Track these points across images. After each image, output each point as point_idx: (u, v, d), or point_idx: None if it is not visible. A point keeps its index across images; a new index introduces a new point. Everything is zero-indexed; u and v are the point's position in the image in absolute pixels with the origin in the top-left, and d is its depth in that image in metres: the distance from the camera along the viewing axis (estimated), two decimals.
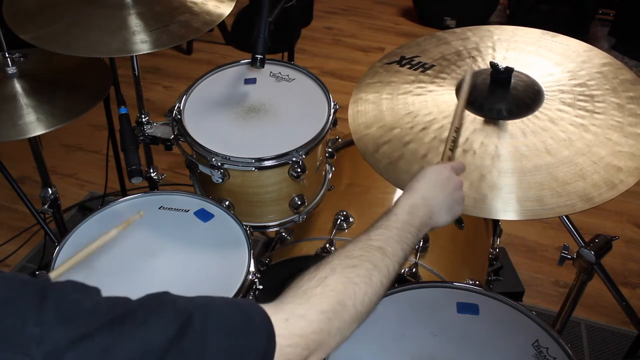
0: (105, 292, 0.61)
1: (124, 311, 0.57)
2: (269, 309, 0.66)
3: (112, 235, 1.15)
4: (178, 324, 0.58)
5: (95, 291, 0.60)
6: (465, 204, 0.97)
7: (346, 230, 1.54)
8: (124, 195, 1.75)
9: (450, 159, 1.02)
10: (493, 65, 1.12)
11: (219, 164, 1.35)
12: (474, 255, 1.69)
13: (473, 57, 1.24)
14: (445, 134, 1.08)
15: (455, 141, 1.04)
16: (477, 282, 1.29)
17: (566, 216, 1.20)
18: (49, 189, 1.66)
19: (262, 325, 0.64)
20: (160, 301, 0.61)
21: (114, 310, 0.57)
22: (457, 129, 1.06)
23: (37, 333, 0.51)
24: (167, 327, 0.58)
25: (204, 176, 1.43)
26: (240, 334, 0.62)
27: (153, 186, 1.88)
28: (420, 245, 1.48)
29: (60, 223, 1.75)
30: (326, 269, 0.74)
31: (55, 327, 0.52)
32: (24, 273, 0.57)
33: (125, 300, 0.60)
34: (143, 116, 1.70)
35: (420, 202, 0.88)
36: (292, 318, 0.67)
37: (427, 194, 0.90)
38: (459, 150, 1.07)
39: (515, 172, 1.02)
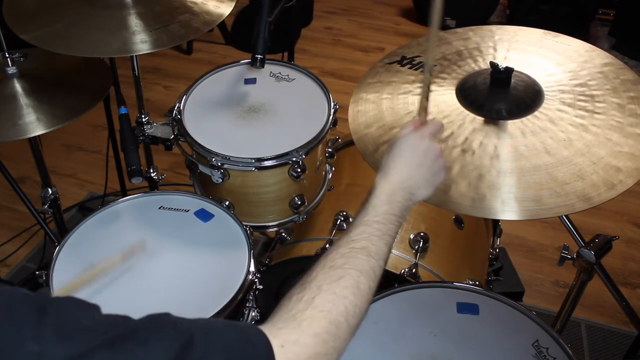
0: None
1: (124, 330, 0.57)
2: (265, 332, 0.66)
3: (115, 262, 1.14)
4: (179, 345, 0.58)
5: (95, 309, 0.59)
6: (463, 204, 0.97)
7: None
8: (124, 195, 1.76)
9: (426, 110, 0.97)
10: (493, 65, 1.12)
11: (219, 164, 1.35)
12: (474, 255, 1.69)
13: None
14: (445, 134, 1.08)
15: (429, 86, 0.97)
16: (477, 282, 1.29)
17: (566, 216, 1.20)
18: (49, 189, 1.66)
19: (262, 349, 0.63)
20: (161, 322, 0.60)
21: (114, 329, 0.56)
22: (430, 71, 0.98)
23: (36, 350, 0.51)
24: (168, 348, 0.57)
25: (204, 176, 1.43)
26: (241, 356, 0.62)
27: (153, 186, 1.88)
28: (420, 245, 1.48)
29: (60, 223, 1.75)
30: (312, 288, 0.72)
31: (54, 344, 0.52)
32: (23, 288, 0.56)
33: (126, 319, 0.59)
34: (143, 116, 1.69)
35: (397, 186, 0.86)
36: (287, 345, 0.66)
37: (405, 176, 0.87)
38: (457, 150, 1.07)
39: (515, 172, 1.02)
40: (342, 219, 1.54)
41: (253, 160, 1.35)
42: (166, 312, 0.62)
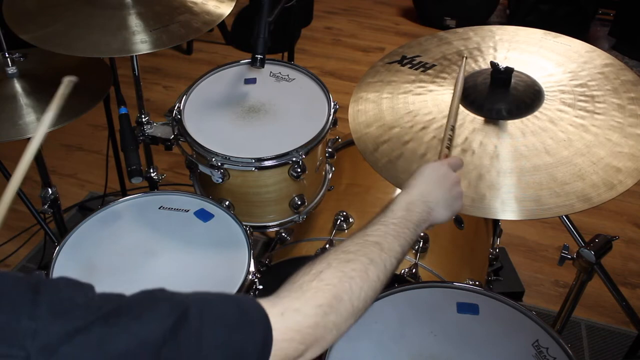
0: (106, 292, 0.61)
1: (118, 305, 0.58)
2: (265, 303, 0.66)
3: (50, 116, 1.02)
4: (174, 318, 0.58)
5: (89, 287, 0.60)
6: (463, 204, 0.97)
7: (346, 231, 1.54)
8: (124, 195, 1.76)
9: (447, 156, 1.02)
10: (493, 65, 1.12)
11: (219, 164, 1.35)
12: (474, 255, 1.69)
13: (466, 57, 1.24)
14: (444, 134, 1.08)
15: (451, 139, 1.04)
16: (477, 282, 1.29)
17: (566, 216, 1.20)
18: (49, 189, 1.66)
19: (259, 320, 0.64)
20: (155, 296, 0.61)
21: (108, 304, 0.57)
22: (452, 127, 1.06)
23: (32, 327, 0.52)
24: (163, 320, 0.57)
25: (204, 176, 1.43)
26: (237, 328, 0.62)
27: (153, 186, 1.88)
28: (420, 245, 1.48)
29: (60, 223, 1.74)
30: (322, 264, 0.74)
31: (50, 321, 0.53)
32: (17, 272, 0.57)
33: (120, 295, 0.60)
34: (143, 116, 1.69)
35: (417, 198, 0.88)
36: (288, 312, 0.66)
37: (424, 191, 0.90)
38: (457, 149, 1.07)
39: (514, 172, 1.02)
40: (342, 219, 1.54)
41: (253, 160, 1.35)
42: (161, 288, 0.63)
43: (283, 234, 1.64)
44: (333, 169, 1.61)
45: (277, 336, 0.64)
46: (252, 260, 1.24)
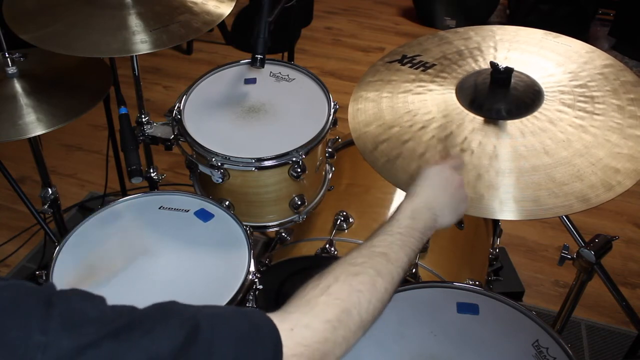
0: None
1: (130, 320, 0.57)
2: (274, 318, 0.66)
3: None
4: (185, 333, 0.58)
5: (100, 300, 0.59)
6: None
7: (346, 231, 1.54)
8: (124, 195, 1.75)
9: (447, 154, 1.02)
10: (493, 65, 1.12)
11: (219, 164, 1.35)
12: (474, 256, 1.69)
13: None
14: (444, 133, 1.08)
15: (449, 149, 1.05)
16: (477, 282, 1.29)
17: (566, 216, 1.20)
18: (49, 189, 1.66)
19: (269, 335, 0.64)
20: (167, 310, 0.61)
21: (120, 319, 0.57)
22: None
23: (43, 341, 0.51)
24: (173, 336, 0.57)
25: (204, 176, 1.43)
26: (248, 343, 0.62)
27: (153, 186, 1.88)
28: None
29: (60, 223, 1.75)
30: (329, 278, 0.73)
31: (61, 335, 0.52)
32: (30, 282, 0.57)
33: (132, 309, 0.59)
34: (143, 116, 1.69)
35: (422, 205, 0.88)
36: (297, 328, 0.66)
37: (429, 197, 0.90)
38: (456, 149, 1.07)
39: (513, 172, 1.02)
40: (342, 219, 1.54)
41: (253, 160, 1.35)
42: (173, 301, 0.62)
43: (283, 234, 1.64)
44: (333, 169, 1.61)
45: (287, 352, 0.64)
46: (252, 260, 1.24)
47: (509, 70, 1.11)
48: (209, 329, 0.60)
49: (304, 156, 1.37)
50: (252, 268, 1.23)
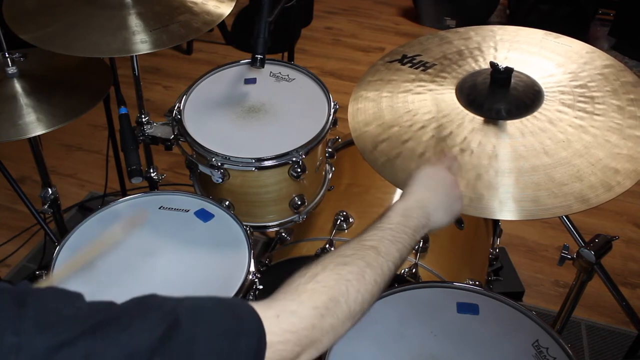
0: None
1: (107, 316, 0.56)
2: (260, 307, 0.65)
3: (117, 235, 1.11)
4: (165, 326, 0.57)
5: (77, 296, 0.58)
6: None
7: (346, 231, 1.54)
8: (124, 195, 1.76)
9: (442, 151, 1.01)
10: (493, 65, 1.12)
11: (219, 164, 1.35)
12: (474, 255, 1.69)
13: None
14: (444, 133, 1.08)
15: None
16: (477, 282, 1.29)
17: (566, 216, 1.20)
18: (49, 189, 1.66)
19: (252, 326, 0.63)
20: (146, 304, 0.60)
21: (96, 315, 0.55)
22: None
23: (16, 342, 0.50)
24: (153, 329, 0.56)
25: (204, 176, 1.43)
26: (230, 335, 0.61)
27: (153, 186, 1.88)
28: (420, 245, 1.48)
29: (60, 223, 1.75)
30: (318, 267, 0.73)
31: (35, 336, 0.51)
32: (3, 282, 0.56)
33: (109, 304, 0.58)
34: (143, 116, 1.69)
35: (414, 204, 0.88)
36: (284, 314, 0.66)
37: (422, 197, 0.89)
38: (455, 149, 1.07)
39: (513, 172, 1.02)
40: (342, 219, 1.54)
41: (253, 160, 1.35)
42: (152, 294, 0.62)
43: (283, 234, 1.64)
44: (333, 169, 1.61)
45: (273, 338, 0.63)
46: (252, 260, 1.24)
47: (509, 70, 1.11)
48: (190, 322, 0.59)
49: (304, 156, 1.37)
50: (252, 268, 1.23)
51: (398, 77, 1.25)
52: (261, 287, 1.27)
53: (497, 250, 1.82)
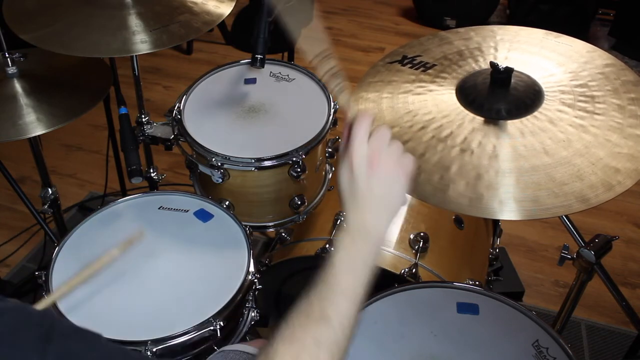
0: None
1: None
2: None
3: (115, 255, 1.12)
4: None
5: (97, 338, 0.60)
6: (461, 204, 0.97)
7: None
8: (124, 195, 1.76)
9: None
10: (493, 65, 1.12)
11: (219, 164, 1.35)
12: (474, 256, 1.69)
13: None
14: (444, 133, 1.08)
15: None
16: (477, 282, 1.29)
17: (566, 216, 1.20)
18: (49, 189, 1.66)
19: None
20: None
21: None
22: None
23: None
24: None
25: (204, 176, 1.43)
26: None
27: (153, 186, 1.88)
28: (420, 245, 1.48)
29: (60, 223, 1.75)
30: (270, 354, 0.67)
31: None
32: (29, 306, 0.57)
33: (124, 353, 0.60)
34: (143, 116, 1.69)
35: (354, 234, 0.77)
36: None
37: (354, 222, 0.77)
38: (456, 150, 1.07)
39: (513, 172, 1.02)
40: (342, 219, 1.54)
41: (253, 160, 1.35)
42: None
43: (283, 234, 1.64)
44: (333, 169, 1.61)
45: None
46: (252, 260, 1.24)
47: (509, 70, 1.11)
48: None
49: (303, 156, 1.37)
50: (252, 268, 1.23)
51: (398, 78, 1.25)
52: (261, 287, 1.27)
53: (497, 250, 1.82)
